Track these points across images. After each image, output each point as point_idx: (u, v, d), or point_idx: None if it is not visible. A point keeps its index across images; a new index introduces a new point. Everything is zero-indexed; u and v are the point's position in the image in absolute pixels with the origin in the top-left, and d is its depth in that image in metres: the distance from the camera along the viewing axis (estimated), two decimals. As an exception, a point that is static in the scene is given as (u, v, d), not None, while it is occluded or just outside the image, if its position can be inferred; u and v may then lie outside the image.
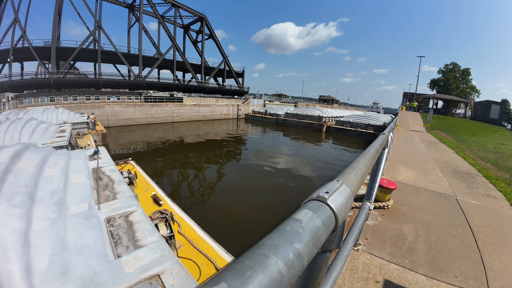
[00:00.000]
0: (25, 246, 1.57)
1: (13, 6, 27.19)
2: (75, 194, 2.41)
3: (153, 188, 5.79)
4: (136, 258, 1.69)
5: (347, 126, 27.37)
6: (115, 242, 1.88)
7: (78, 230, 1.88)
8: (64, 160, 3.11)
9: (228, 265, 0.36)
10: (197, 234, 4.00)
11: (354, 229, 1.57)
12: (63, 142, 6.45)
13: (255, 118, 38.84)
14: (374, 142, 1.98)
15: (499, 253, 3.27)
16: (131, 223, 2.14)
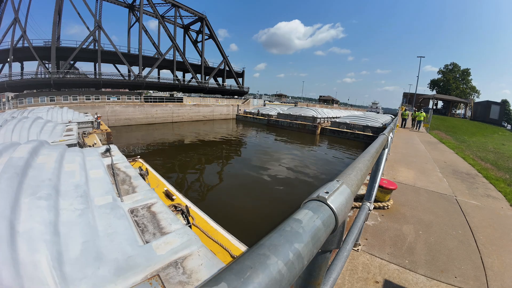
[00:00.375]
0: (55, 236, 1.63)
1: (13, 5, 27.20)
2: (97, 187, 2.50)
3: (164, 184, 5.86)
4: (166, 242, 1.79)
5: (343, 128, 25.06)
6: (141, 230, 1.98)
7: (106, 219, 1.97)
8: (80, 157, 3.19)
9: (228, 265, 0.36)
10: (211, 226, 4.09)
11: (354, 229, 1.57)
12: (72, 140, 6.52)
13: (246, 119, 36.09)
14: (374, 142, 1.98)
15: (499, 254, 3.27)
16: (154, 213, 2.25)
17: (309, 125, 26.75)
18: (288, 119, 30.05)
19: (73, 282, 1.38)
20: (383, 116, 35.51)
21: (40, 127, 7.30)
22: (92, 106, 25.51)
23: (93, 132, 14.94)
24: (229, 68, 47.11)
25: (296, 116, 29.43)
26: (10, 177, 2.03)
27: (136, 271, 1.52)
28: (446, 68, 55.94)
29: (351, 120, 26.22)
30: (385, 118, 30.71)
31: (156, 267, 1.58)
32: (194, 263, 1.67)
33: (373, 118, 26.05)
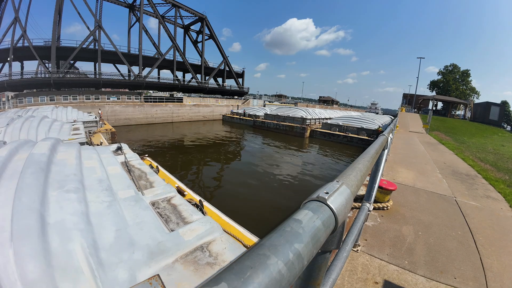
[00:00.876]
0: (88, 225, 1.74)
1: (13, 5, 27.20)
2: (117, 182, 2.64)
3: (174, 181, 5.94)
4: (191, 229, 1.95)
5: (335, 130, 22.86)
6: (165, 220, 2.13)
7: (133, 210, 2.11)
8: (96, 154, 3.32)
9: (228, 265, 0.37)
10: (223, 219, 4.21)
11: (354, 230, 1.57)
12: (82, 138, 6.64)
13: (233, 120, 34.14)
14: (374, 143, 1.98)
15: (498, 255, 3.27)
16: (174, 206, 2.41)
17: (297, 127, 24.06)
18: (276, 120, 27.48)
19: (110, 267, 1.48)
20: (382, 117, 33.68)
21: (48, 126, 7.42)
22: (92, 105, 25.51)
23: (98, 131, 15.01)
24: (229, 69, 47.14)
25: (284, 117, 26.93)
26: (35, 171, 2.13)
27: (167, 254, 1.66)
28: (446, 69, 56.01)
29: (345, 121, 23.81)
30: (383, 119, 28.96)
31: (185, 250, 1.72)
32: (218, 247, 1.83)
33: (369, 119, 23.59)
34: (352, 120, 24.12)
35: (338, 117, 26.87)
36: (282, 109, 30.93)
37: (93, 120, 15.51)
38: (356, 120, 23.70)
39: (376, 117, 27.92)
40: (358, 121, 23.32)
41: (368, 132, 21.25)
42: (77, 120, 13.93)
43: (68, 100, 25.67)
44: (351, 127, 22.44)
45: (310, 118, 26.33)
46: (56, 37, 27.32)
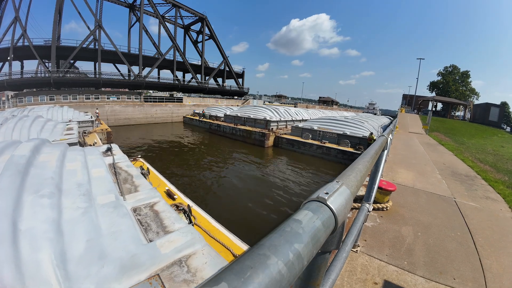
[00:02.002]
0: (58, 234, 1.64)
1: (14, 4, 27.20)
2: (99, 186, 2.51)
3: (165, 184, 5.87)
4: (170, 241, 1.81)
5: (307, 137, 16.83)
6: (145, 229, 2.00)
7: (110, 218, 1.99)
8: (82, 156, 3.22)
9: (228, 265, 0.37)
10: (213, 225, 4.12)
11: (353, 230, 1.57)
12: (74, 139, 6.58)
13: (192, 122, 29.66)
14: (374, 144, 1.99)
15: (497, 256, 3.27)
16: (157, 212, 2.27)
17: (256, 133, 18.06)
18: (234, 123, 22.08)
19: (77, 281, 1.38)
20: (380, 118, 30.93)
21: (41, 126, 7.38)
22: (91, 105, 25.49)
23: (93, 131, 15.00)
24: (229, 69, 47.16)
25: (245, 118, 21.39)
26: (12, 174, 2.05)
27: (141, 269, 1.54)
28: (446, 70, 56.09)
29: (322, 125, 17.68)
30: (380, 121, 24.83)
31: (161, 265, 1.59)
32: (198, 262, 1.69)
33: (357, 122, 17.56)
34: (332, 123, 17.76)
35: (315, 119, 20.15)
36: (245, 108, 25.65)
37: (89, 120, 15.52)
38: (339, 124, 17.50)
39: (369, 119, 22.19)
40: (341, 125, 17.19)
41: (352, 140, 15.34)
42: (73, 120, 13.93)
43: (68, 100, 25.67)
44: (329, 134, 16.25)
45: (278, 120, 20.89)
46: (56, 37, 27.31)
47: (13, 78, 26.31)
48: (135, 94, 31.35)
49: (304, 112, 27.86)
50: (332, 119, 18.85)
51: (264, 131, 18.07)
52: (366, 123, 18.20)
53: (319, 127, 17.30)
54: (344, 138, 15.75)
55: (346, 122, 17.66)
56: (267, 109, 23.36)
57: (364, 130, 16.34)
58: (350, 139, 15.50)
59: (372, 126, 18.16)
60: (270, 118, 20.46)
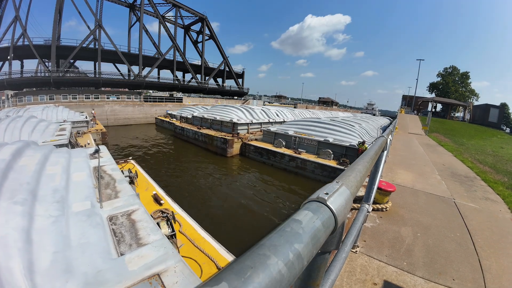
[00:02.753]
0: (27, 244, 1.57)
1: (14, 3, 27.18)
2: (77, 192, 2.41)
3: (153, 188, 5.81)
4: (140, 256, 1.70)
5: (279, 145, 13.38)
6: (118, 240, 1.88)
7: (81, 228, 1.89)
8: (66, 158, 3.12)
9: (228, 265, 0.37)
10: (198, 233, 4.03)
11: (353, 231, 1.57)
12: (63, 140, 6.49)
13: (163, 124, 26.68)
14: (373, 145, 1.99)
15: (497, 256, 3.28)
16: (133, 222, 2.16)
17: (218, 139, 14.90)
18: (201, 125, 19.15)
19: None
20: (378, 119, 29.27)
21: (33, 127, 7.30)
22: (91, 105, 25.48)
23: (88, 131, 14.95)
24: (229, 69, 47.18)
25: (211, 121, 18.26)
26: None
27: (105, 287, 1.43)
28: (446, 71, 56.19)
29: (301, 128, 14.21)
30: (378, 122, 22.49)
31: (127, 284, 1.48)
32: (168, 281, 1.56)
33: (346, 126, 13.69)
34: (314, 126, 14.01)
35: (292, 122, 16.57)
36: (214, 108, 21.96)
37: (84, 120, 15.44)
38: (322, 127, 13.75)
39: (364, 121, 18.65)
40: (325, 129, 13.54)
41: (336, 151, 11.76)
42: (67, 120, 13.89)
43: (67, 99, 25.66)
44: (307, 140, 12.89)
45: (249, 123, 17.33)
46: (56, 36, 27.30)
47: (13, 78, 26.29)
48: (135, 94, 31.35)
49: (288, 113, 23.76)
50: (314, 122, 14.72)
51: (227, 137, 14.62)
52: (358, 126, 14.25)
53: (296, 132, 13.85)
54: (325, 147, 12.08)
55: (331, 126, 13.77)
56: (238, 109, 19.54)
57: (353, 136, 12.62)
58: (333, 148, 11.84)
59: (366, 130, 14.47)
60: (238, 120, 16.76)
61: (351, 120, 17.25)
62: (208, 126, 18.60)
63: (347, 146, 11.59)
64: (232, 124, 16.39)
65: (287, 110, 24.90)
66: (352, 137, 12.59)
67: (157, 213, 4.31)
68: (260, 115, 20.06)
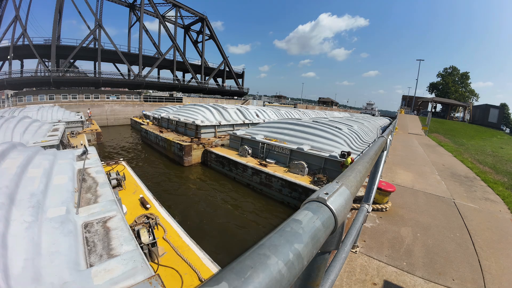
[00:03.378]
0: (2, 248, 1.54)
1: (14, 3, 27.16)
2: (55, 196, 2.33)
3: (141, 190, 5.70)
4: (107, 269, 1.61)
5: (244, 153, 11.08)
6: (89, 250, 1.81)
7: (52, 235, 1.82)
8: (49, 161, 3.04)
9: (228, 265, 0.37)
10: (183, 240, 3.91)
11: (352, 231, 1.57)
12: (54, 141, 6.46)
13: (136, 125, 24.27)
14: (373, 145, 1.99)
15: (496, 257, 3.28)
16: (108, 230, 2.06)
17: (175, 145, 12.81)
18: (167, 127, 17.16)
19: None
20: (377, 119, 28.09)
21: (25, 127, 7.29)
22: (91, 104, 25.49)
23: (83, 132, 14.92)
24: (229, 69, 47.17)
25: (176, 122, 16.14)
26: None
27: None
28: (446, 71, 56.23)
29: (273, 132, 11.82)
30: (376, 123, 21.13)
31: None
32: None
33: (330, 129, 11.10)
34: (289, 130, 11.52)
35: (265, 124, 13.66)
36: (184, 108, 19.12)
37: (79, 120, 15.38)
38: (300, 131, 11.23)
39: (359, 122, 16.26)
40: (303, 133, 10.97)
41: (313, 163, 9.22)
42: (62, 120, 13.83)
43: (67, 99, 25.66)
44: (277, 148, 10.33)
45: (216, 125, 14.87)
46: (56, 36, 27.28)
47: (13, 77, 26.27)
48: (134, 93, 31.35)
49: (271, 113, 21.04)
50: (292, 124, 12.03)
51: (184, 142, 12.35)
52: (347, 128, 11.68)
53: (266, 137, 11.38)
54: (299, 158, 9.40)
55: (312, 129, 11.04)
56: (207, 108, 17.09)
57: (338, 143, 9.97)
58: (308, 159, 9.23)
59: (357, 135, 11.62)
60: (202, 122, 14.30)
61: (340, 121, 14.32)
62: (174, 129, 16.47)
63: (326, 157, 8.76)
64: (195, 126, 14.15)
65: (270, 110, 22.54)
66: (336, 144, 9.93)
67: (142, 218, 4.26)
68: (235, 115, 17.57)
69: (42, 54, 27.52)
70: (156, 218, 4.33)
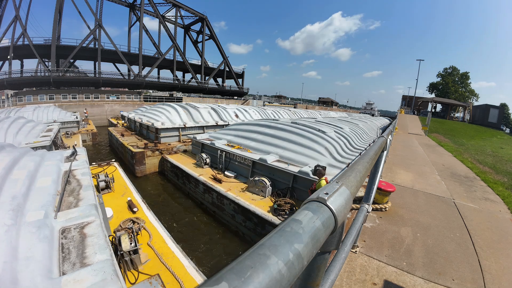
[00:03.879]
0: None
1: (14, 3, 27.15)
2: (36, 199, 2.29)
3: (130, 193, 5.64)
4: (76, 279, 1.58)
5: (200, 163, 8.98)
6: (63, 257, 1.77)
7: (29, 240, 1.81)
8: (35, 162, 3.00)
9: (228, 265, 0.37)
10: (168, 247, 3.83)
11: (352, 231, 1.57)
12: (45, 142, 6.47)
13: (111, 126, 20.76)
14: (373, 145, 1.99)
15: (496, 257, 3.28)
16: (84, 236, 2.01)
17: (128, 151, 11.12)
18: (133, 129, 15.83)
19: None
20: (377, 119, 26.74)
21: (18, 128, 7.31)
22: (91, 104, 25.49)
23: (78, 132, 14.89)
24: (229, 69, 47.18)
25: (140, 125, 14.69)
26: None
27: None
28: (445, 71, 56.22)
29: (242, 135, 9.90)
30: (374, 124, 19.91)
31: None
32: None
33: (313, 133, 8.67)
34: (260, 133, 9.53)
35: (234, 126, 11.40)
36: (152, 108, 17.02)
37: (74, 121, 15.33)
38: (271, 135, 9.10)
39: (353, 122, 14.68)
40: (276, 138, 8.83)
41: (279, 179, 7.01)
42: (57, 120, 13.78)
43: (67, 99, 25.67)
44: (238, 158, 8.26)
45: (181, 127, 13.10)
46: (56, 36, 27.28)
47: (13, 77, 26.26)
48: (134, 93, 31.37)
49: (254, 112, 18.57)
50: (262, 126, 9.96)
51: (136, 149, 10.66)
52: (334, 133, 9.22)
53: (229, 142, 9.40)
54: (261, 172, 7.39)
55: (287, 133, 8.85)
56: (173, 108, 15.05)
57: (316, 152, 7.58)
58: (275, 174, 7.06)
59: (347, 139, 9.32)
60: (162, 125, 12.43)
61: (329, 122, 11.91)
62: (138, 131, 14.89)
63: (295, 173, 6.42)
64: (155, 129, 12.27)
65: (254, 109, 19.82)
66: (315, 154, 7.45)
67: (127, 223, 4.19)
68: (207, 115, 15.26)
69: (42, 54, 27.51)
70: (142, 223, 4.26)
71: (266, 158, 7.32)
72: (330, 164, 6.99)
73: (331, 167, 6.79)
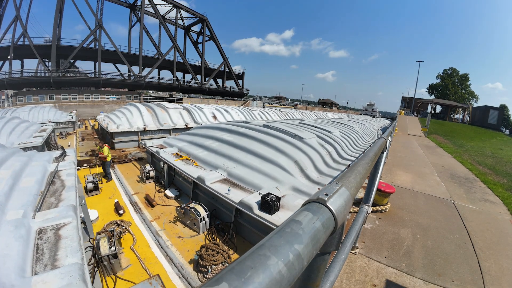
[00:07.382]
0: None
1: (14, 3, 27.19)
2: (17, 199, 2.32)
3: (119, 194, 5.61)
4: (44, 281, 1.60)
5: (143, 177, 7.06)
6: (37, 258, 1.79)
7: (7, 238, 1.84)
8: (22, 162, 3.02)
9: (229, 265, 0.37)
10: (152, 251, 3.75)
11: (352, 232, 1.57)
12: (37, 142, 6.52)
13: None
14: (373, 146, 2.00)
15: (496, 258, 3.28)
16: (59, 238, 2.02)
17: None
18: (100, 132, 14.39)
19: None
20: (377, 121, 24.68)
21: (12, 128, 7.38)
22: (91, 105, 25.51)
23: (73, 132, 14.80)
24: (229, 70, 47.22)
25: (101, 127, 13.17)
26: None
27: None
28: (445, 73, 56.32)
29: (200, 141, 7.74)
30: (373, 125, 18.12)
31: None
32: None
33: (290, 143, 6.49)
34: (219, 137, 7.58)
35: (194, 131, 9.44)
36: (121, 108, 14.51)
37: (69, 121, 15.26)
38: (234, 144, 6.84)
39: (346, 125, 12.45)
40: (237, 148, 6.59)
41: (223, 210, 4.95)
42: (53, 120, 13.65)
43: (67, 99, 25.67)
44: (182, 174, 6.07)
45: (140, 131, 11.54)
46: (56, 36, 27.31)
47: (13, 77, 26.27)
48: (134, 94, 31.38)
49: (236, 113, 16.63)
50: (223, 131, 8.26)
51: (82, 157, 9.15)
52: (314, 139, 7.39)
53: (180, 150, 7.63)
54: (203, 194, 5.58)
55: (251, 140, 7.02)
56: (137, 109, 13.01)
57: (282, 170, 5.41)
58: (217, 200, 5.16)
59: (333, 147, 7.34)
60: (118, 128, 10.98)
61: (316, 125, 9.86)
62: (100, 136, 13.81)
63: (236, 204, 4.41)
64: (111, 134, 10.73)
65: (237, 110, 17.56)
66: (278, 172, 5.34)
67: (111, 225, 4.14)
68: (177, 117, 13.20)
69: (43, 54, 27.52)
70: (127, 225, 4.20)
71: (206, 176, 5.24)
72: (297, 189, 4.66)
73: (298, 193, 4.55)
